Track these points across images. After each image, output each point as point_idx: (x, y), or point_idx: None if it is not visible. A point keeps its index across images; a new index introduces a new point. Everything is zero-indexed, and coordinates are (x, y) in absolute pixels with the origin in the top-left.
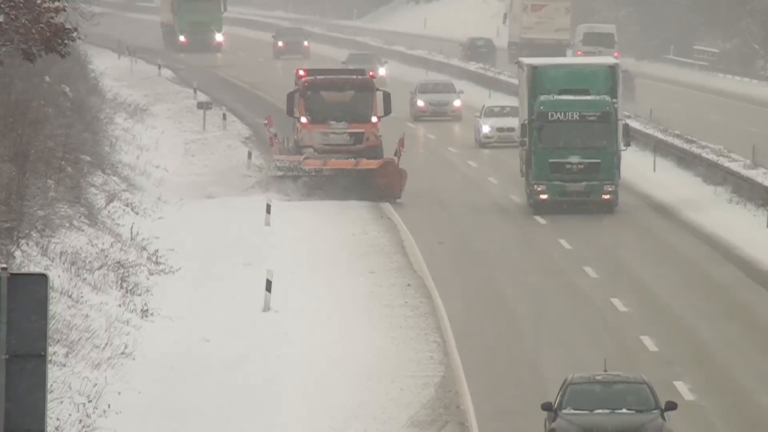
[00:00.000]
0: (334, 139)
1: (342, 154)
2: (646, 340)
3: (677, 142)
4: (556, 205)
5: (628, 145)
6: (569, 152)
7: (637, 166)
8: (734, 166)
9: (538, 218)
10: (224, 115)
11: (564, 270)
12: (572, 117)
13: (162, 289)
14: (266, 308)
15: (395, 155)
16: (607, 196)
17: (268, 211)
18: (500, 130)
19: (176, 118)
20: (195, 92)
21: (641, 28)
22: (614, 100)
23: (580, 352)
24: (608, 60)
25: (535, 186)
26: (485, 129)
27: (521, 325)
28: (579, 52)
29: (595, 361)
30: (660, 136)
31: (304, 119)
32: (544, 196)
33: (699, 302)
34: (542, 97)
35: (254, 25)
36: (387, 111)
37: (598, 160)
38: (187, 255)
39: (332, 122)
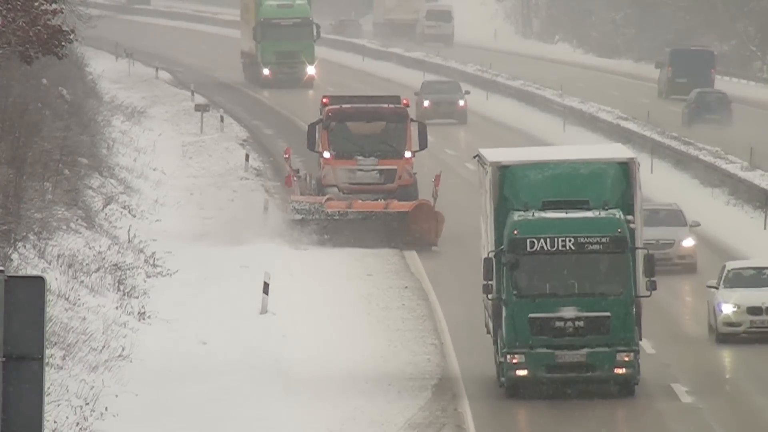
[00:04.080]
0: (362, 177)
1: (370, 195)
2: (643, 343)
3: (674, 143)
4: (541, 387)
5: (653, 288)
6: (560, 302)
7: None
8: (731, 168)
9: None
10: (221, 117)
11: None
12: (564, 246)
13: (159, 292)
14: (263, 311)
15: (432, 196)
16: (622, 370)
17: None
18: None
19: (173, 120)
20: (192, 94)
21: (639, 30)
22: (629, 217)
23: None
24: (619, 154)
25: (509, 357)
26: None
27: None
28: (424, 27)
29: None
30: (657, 137)
31: (327, 154)
32: (522, 372)
33: (695, 304)
34: (516, 216)
35: None
36: (423, 145)
37: (607, 314)
38: (185, 257)
39: (359, 158)
